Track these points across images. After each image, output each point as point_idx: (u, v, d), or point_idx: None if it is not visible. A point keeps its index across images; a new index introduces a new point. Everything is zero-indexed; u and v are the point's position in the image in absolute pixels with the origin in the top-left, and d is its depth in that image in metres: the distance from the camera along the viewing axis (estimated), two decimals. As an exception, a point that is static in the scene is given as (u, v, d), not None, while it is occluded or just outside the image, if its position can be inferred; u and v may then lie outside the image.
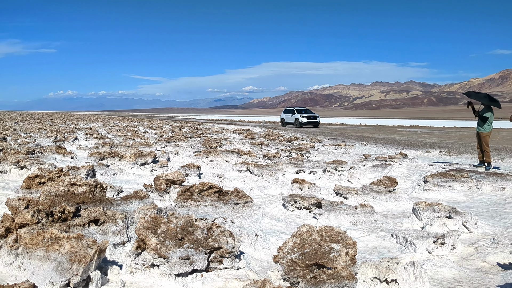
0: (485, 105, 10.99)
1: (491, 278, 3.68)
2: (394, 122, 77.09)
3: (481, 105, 11.07)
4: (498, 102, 11.21)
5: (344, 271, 2.99)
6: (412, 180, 9.02)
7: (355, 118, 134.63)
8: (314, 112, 42.94)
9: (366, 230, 5.06)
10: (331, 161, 10.65)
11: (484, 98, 11.03)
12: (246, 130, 31.01)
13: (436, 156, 14.41)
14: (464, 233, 5.06)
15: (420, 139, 23.10)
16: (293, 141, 19.92)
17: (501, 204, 6.90)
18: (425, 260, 3.99)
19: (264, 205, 6.46)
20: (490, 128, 10.91)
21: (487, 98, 11.07)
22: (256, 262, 4.02)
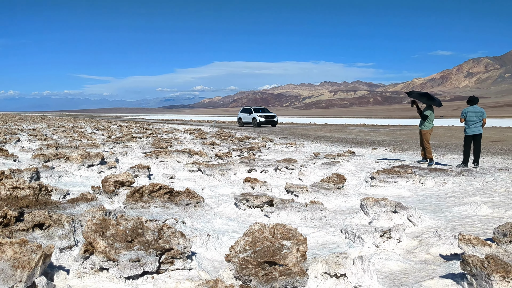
0: (425, 104, 11.48)
1: (434, 269, 3.85)
2: (342, 121, 79.02)
3: (423, 104, 11.56)
4: (438, 100, 11.73)
5: (295, 267, 3.04)
6: (360, 177, 9.28)
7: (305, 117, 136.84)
8: (271, 111, 42.55)
9: (317, 227, 5.17)
10: (282, 159, 10.78)
11: (424, 97, 11.52)
12: (197, 130, 30.80)
13: (382, 153, 14.91)
14: (409, 226, 5.27)
15: (366, 137, 23.81)
16: (245, 140, 19.99)
17: (443, 198, 7.23)
18: (372, 254, 4.12)
19: (216, 205, 6.45)
20: (431, 126, 11.41)
21: (427, 97, 11.57)
22: (208, 262, 4.01)
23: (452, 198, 7.22)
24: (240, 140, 19.78)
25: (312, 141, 20.53)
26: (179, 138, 20.67)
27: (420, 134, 11.48)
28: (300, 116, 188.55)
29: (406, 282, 3.51)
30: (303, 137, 23.35)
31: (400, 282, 3.54)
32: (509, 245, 4.17)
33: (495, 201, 6.90)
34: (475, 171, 9.49)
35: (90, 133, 24.04)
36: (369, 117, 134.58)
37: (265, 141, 19.88)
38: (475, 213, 6.07)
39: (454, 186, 8.13)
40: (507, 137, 22.03)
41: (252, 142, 19.06)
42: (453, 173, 9.01)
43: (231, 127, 40.31)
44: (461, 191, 7.76)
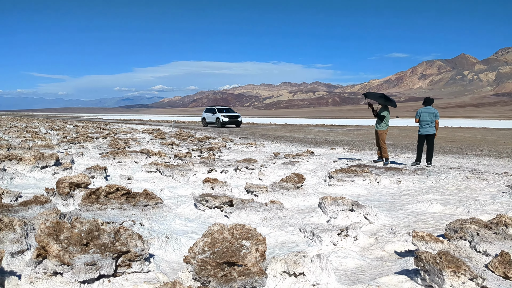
0: (382, 105, 11.79)
1: (389, 265, 3.95)
2: (301, 121, 79.98)
3: (379, 105, 11.85)
4: (393, 101, 12.07)
5: (254, 267, 3.04)
6: (319, 176, 9.41)
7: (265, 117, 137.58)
8: (236, 111, 41.68)
9: (276, 226, 5.20)
10: (242, 159, 10.79)
11: (381, 98, 11.82)
12: (156, 130, 30.37)
13: (340, 152, 15.18)
14: (366, 224, 5.39)
15: (325, 137, 24.19)
16: (205, 140, 19.88)
17: (397, 196, 7.45)
18: (330, 252, 4.18)
19: (175, 206, 6.38)
20: (386, 126, 11.72)
21: (383, 98, 11.88)
22: (166, 264, 3.96)
23: (406, 196, 7.45)
24: (200, 140, 19.65)
25: (272, 141, 20.66)
26: (137, 139, 20.32)
27: (377, 134, 11.77)
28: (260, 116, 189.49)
29: (363, 279, 3.59)
30: (264, 137, 23.47)
31: (357, 279, 3.61)
32: (460, 241, 4.34)
33: (447, 198, 7.17)
34: (428, 170, 9.82)
35: (45, 134, 23.23)
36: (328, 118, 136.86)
37: (225, 141, 19.84)
38: (428, 210, 6.28)
39: (409, 185, 8.38)
40: (458, 137, 22.93)
41: (212, 142, 18.98)
42: (407, 172, 9.29)
43: (191, 127, 39.99)
44: (415, 189, 8.01)
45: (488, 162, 11.83)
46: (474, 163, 11.66)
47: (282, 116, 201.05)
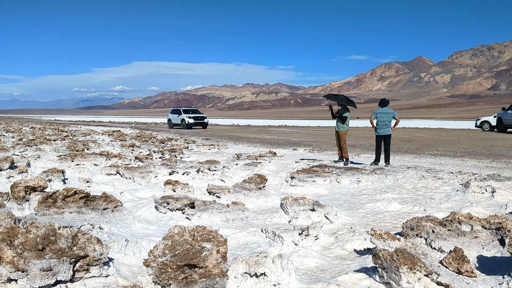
0: (342, 106, 12.00)
1: (349, 264, 4.03)
2: (264, 122, 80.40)
3: (339, 106, 12.06)
4: (354, 102, 12.32)
5: (215, 269, 3.04)
6: (281, 177, 9.48)
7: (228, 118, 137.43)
8: (202, 112, 40.01)
9: (238, 227, 5.21)
10: (205, 161, 10.74)
11: (342, 99, 12.04)
12: (117, 131, 29.80)
13: (302, 153, 15.35)
14: (326, 224, 5.47)
15: (287, 138, 24.41)
16: (166, 142, 19.66)
17: (357, 196, 7.60)
18: (292, 251, 4.22)
19: (136, 209, 6.28)
20: (347, 127, 11.95)
21: (344, 99, 12.11)
22: (126, 268, 3.89)
23: (365, 195, 7.61)
24: (162, 142, 19.42)
25: (235, 142, 20.66)
26: (96, 141, 19.85)
27: (338, 135, 11.96)
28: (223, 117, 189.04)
29: (323, 278, 3.64)
30: (226, 139, 23.44)
31: (317, 278, 3.67)
32: (416, 238, 4.48)
33: (404, 197, 7.38)
34: (387, 170, 10.08)
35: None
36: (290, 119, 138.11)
37: (188, 143, 19.69)
38: (387, 209, 6.45)
39: (368, 184, 8.57)
40: (415, 137, 23.63)
41: (174, 144, 18.78)
42: (366, 172, 9.50)
43: (152, 128, 39.44)
44: (374, 188, 8.21)
45: (444, 161, 12.24)
46: (430, 162, 12.05)
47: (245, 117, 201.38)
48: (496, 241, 4.33)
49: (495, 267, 3.88)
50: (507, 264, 3.82)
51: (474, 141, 20.25)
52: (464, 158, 12.80)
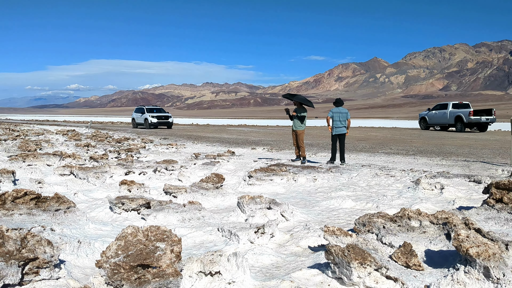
0: (300, 106, 12.17)
1: (303, 260, 4.11)
2: (224, 121, 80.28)
3: (296, 106, 12.22)
4: (311, 102, 12.51)
5: (169, 269, 3.03)
6: (239, 176, 9.52)
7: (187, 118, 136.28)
8: (167, 111, 38.28)
9: (194, 227, 5.20)
10: (162, 160, 10.63)
11: (300, 99, 12.21)
12: (71, 131, 28.98)
13: (260, 152, 15.45)
14: (282, 221, 5.54)
15: (246, 137, 24.48)
16: (123, 141, 19.30)
17: (313, 194, 7.74)
18: (247, 250, 4.26)
19: (90, 210, 6.14)
20: (305, 126, 12.13)
21: (302, 99, 12.28)
22: (79, 269, 3.81)
23: (321, 193, 7.76)
24: (118, 142, 19.05)
25: (193, 142, 20.53)
26: (50, 140, 19.23)
27: (295, 134, 12.11)
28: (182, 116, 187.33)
29: (277, 275, 3.70)
30: (185, 138, 23.25)
31: (271, 275, 3.71)
32: (368, 234, 4.61)
33: (358, 194, 7.57)
34: (342, 168, 10.30)
35: None
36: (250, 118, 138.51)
37: (145, 142, 19.40)
38: (341, 206, 6.59)
39: (324, 182, 8.74)
40: (371, 136, 24.25)
41: (131, 143, 18.47)
42: (322, 170, 9.67)
43: (109, 128, 38.59)
44: (330, 186, 8.37)
45: (396, 159, 12.64)
46: (384, 160, 12.41)
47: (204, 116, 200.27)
48: (443, 236, 4.53)
49: (442, 260, 4.05)
50: (452, 257, 4.00)
51: (425, 140, 20.99)
52: (416, 156, 13.26)
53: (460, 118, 29.66)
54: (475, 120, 29.11)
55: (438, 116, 31.56)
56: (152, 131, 31.64)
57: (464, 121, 29.36)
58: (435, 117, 31.89)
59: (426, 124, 32.84)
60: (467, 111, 29.55)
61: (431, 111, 32.26)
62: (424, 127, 33.13)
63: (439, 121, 31.78)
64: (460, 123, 29.69)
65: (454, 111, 30.23)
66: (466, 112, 29.39)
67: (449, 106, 30.81)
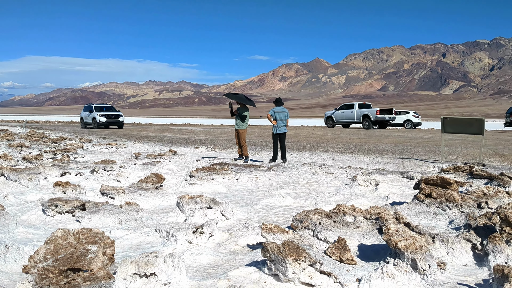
0: (242, 105, 12.22)
1: (241, 258, 4.13)
2: (167, 120, 79.14)
3: (239, 105, 12.27)
4: (253, 101, 12.60)
5: (101, 272, 2.95)
6: (180, 176, 9.42)
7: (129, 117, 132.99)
8: (117, 110, 35.97)
9: (131, 228, 5.09)
10: (100, 161, 10.33)
11: (241, 98, 12.26)
12: (4, 130, 27.47)
13: (203, 152, 15.37)
14: (222, 221, 5.55)
15: (190, 136, 24.27)
16: (60, 141, 18.54)
17: (254, 192, 7.80)
18: (185, 250, 4.23)
19: (21, 213, 5.86)
20: (247, 125, 12.20)
21: (244, 98, 12.34)
22: (6, 275, 3.63)
23: (262, 191, 7.84)
24: (55, 142, 18.28)
25: (134, 141, 20.08)
26: (-21, 140, 18.14)
27: (237, 133, 12.16)
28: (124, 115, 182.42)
29: (215, 274, 3.70)
30: (126, 137, 22.68)
31: (209, 274, 3.71)
32: (304, 230, 4.72)
33: (298, 192, 7.72)
34: (283, 166, 10.46)
35: None
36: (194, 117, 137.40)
37: (83, 142, 18.76)
38: (281, 204, 6.69)
39: (265, 181, 8.83)
40: (312, 135, 24.76)
41: (68, 143, 17.78)
42: (264, 169, 9.78)
43: (45, 127, 36.92)
44: (271, 184, 8.48)
45: (336, 157, 13.00)
46: (324, 158, 12.72)
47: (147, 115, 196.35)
48: (376, 230, 4.71)
49: (374, 254, 4.22)
50: (383, 251, 4.17)
51: (363, 138, 21.74)
52: (354, 154, 13.70)
53: (368, 116, 33.33)
54: (380, 118, 32.98)
55: (345, 115, 35.07)
56: (92, 130, 30.61)
57: (371, 119, 33.02)
58: (342, 116, 35.38)
59: (333, 123, 36.28)
60: (373, 110, 33.43)
61: (337, 111, 35.83)
62: (331, 125, 36.60)
63: (346, 119, 35.22)
64: (368, 121, 33.29)
65: (361, 111, 33.99)
66: (373, 111, 33.23)
67: (356, 106, 34.58)
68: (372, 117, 33.04)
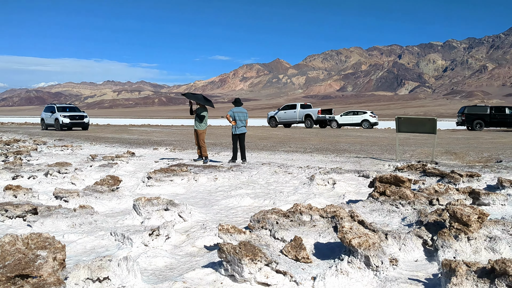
0: (201, 105, 12.15)
1: (198, 260, 4.12)
2: (126, 121, 77.69)
3: (198, 105, 12.19)
4: (211, 102, 12.55)
5: (50, 278, 2.87)
6: (138, 178, 9.27)
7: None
8: (82, 111, 33.90)
9: (85, 232, 4.97)
10: (55, 163, 10.03)
11: (200, 99, 12.19)
12: (-50, 132, 26.21)
13: (162, 153, 15.18)
14: (180, 222, 5.50)
15: (149, 137, 23.90)
16: (12, 144, 17.86)
17: (213, 193, 7.78)
18: (141, 253, 4.17)
19: (-33, 219, 5.61)
20: (206, 126, 12.13)
21: (202, 98, 12.27)
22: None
23: (221, 192, 7.82)
24: (7, 144, 17.59)
25: (91, 143, 19.59)
26: None
27: (196, 133, 12.08)
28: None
29: (171, 276, 3.67)
30: (82, 139, 22.09)
31: (165, 277, 3.67)
32: (262, 230, 4.74)
33: (257, 192, 7.75)
34: (243, 166, 10.47)
35: None
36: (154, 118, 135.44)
37: (37, 144, 18.14)
38: (240, 204, 6.71)
39: (224, 181, 8.82)
40: (272, 135, 24.91)
41: (22, 145, 17.14)
42: (224, 169, 9.77)
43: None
44: (230, 185, 8.47)
45: (295, 157, 13.13)
46: (283, 158, 12.83)
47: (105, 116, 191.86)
48: (331, 228, 4.80)
49: (329, 252, 4.29)
50: (338, 248, 4.25)
51: (322, 138, 22.07)
52: (312, 154, 13.88)
53: (310, 116, 35.31)
54: (321, 118, 35.31)
55: (288, 115, 36.70)
56: (47, 132, 29.63)
57: (313, 119, 35.10)
58: (285, 116, 36.97)
59: (276, 122, 37.69)
60: (315, 110, 35.57)
61: (280, 111, 37.43)
62: (274, 125, 37.99)
63: (288, 119, 36.77)
64: (310, 120, 35.25)
65: (303, 111, 35.81)
66: (315, 111, 35.34)
67: (298, 106, 36.34)
68: (314, 117, 35.08)
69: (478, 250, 4.23)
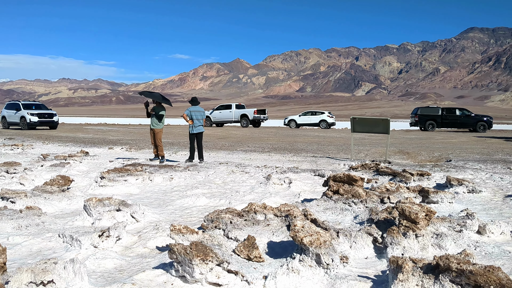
0: (158, 104, 11.98)
1: (149, 261, 4.04)
2: (82, 120, 75.63)
3: (155, 104, 12.00)
4: (169, 101, 12.39)
5: (-11, 282, 2.74)
6: (91, 177, 9.02)
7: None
8: (50, 108, 31.77)
9: (32, 234, 4.78)
10: (3, 163, 9.61)
11: (157, 97, 12.01)
12: None
13: (118, 152, 14.85)
14: (132, 223, 5.39)
15: (104, 136, 23.34)
16: (-43, 142, 17.00)
17: (169, 193, 7.67)
18: (89, 255, 4.05)
19: None
20: (163, 125, 11.97)
21: (160, 97, 12.09)
22: None
23: (177, 192, 7.73)
24: (-49, 143, 16.73)
25: (43, 142, 18.93)
26: None
27: (153, 133, 11.89)
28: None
29: (120, 278, 3.58)
30: (34, 138, 21.30)
31: (113, 279, 3.59)
32: (215, 230, 4.72)
33: (214, 191, 7.71)
34: (200, 166, 10.39)
35: None
36: (111, 116, 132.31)
37: (-15, 143, 17.35)
38: (195, 204, 6.65)
39: (180, 181, 8.72)
40: (231, 135, 24.89)
41: (-33, 144, 16.36)
42: (180, 169, 9.66)
43: None
44: (186, 184, 8.39)
45: (253, 156, 13.16)
46: (241, 158, 12.83)
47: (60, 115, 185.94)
48: (285, 227, 4.83)
49: (282, 250, 4.32)
50: (291, 247, 4.29)
51: (281, 138, 22.25)
52: (270, 153, 13.96)
53: (246, 116, 36.95)
54: (257, 118, 36.84)
55: (223, 115, 37.91)
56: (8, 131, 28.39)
57: (249, 118, 36.76)
58: (220, 116, 38.08)
59: (210, 122, 38.46)
60: (251, 110, 37.23)
61: (215, 111, 38.50)
62: (208, 124, 38.58)
63: (224, 119, 37.97)
64: (246, 120, 36.82)
65: (239, 111, 37.32)
66: (251, 111, 37.07)
67: (233, 106, 37.75)
68: (250, 117, 36.75)
69: (425, 247, 4.37)
